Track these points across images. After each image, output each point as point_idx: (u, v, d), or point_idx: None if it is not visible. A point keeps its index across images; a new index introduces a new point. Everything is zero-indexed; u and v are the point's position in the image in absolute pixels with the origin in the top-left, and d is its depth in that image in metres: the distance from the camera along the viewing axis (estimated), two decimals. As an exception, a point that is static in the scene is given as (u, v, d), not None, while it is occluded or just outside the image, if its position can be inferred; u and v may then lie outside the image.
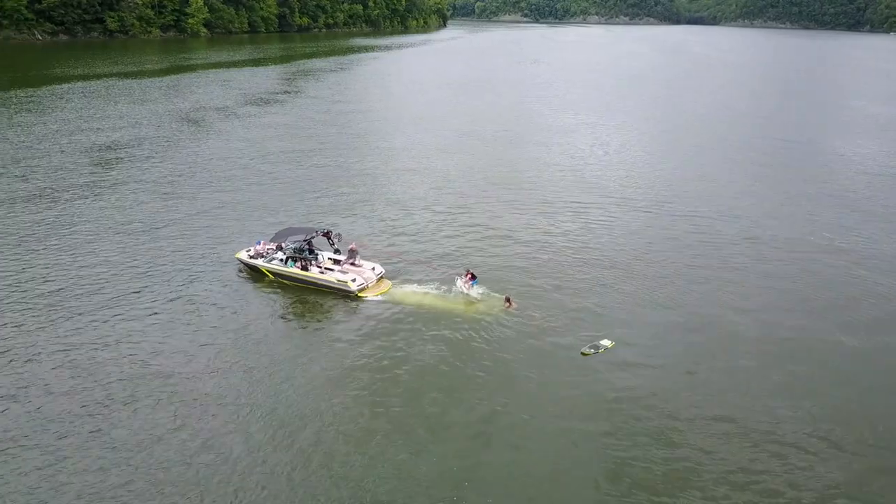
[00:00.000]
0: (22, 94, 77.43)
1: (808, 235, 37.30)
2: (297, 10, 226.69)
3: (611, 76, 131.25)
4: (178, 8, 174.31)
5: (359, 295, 27.55)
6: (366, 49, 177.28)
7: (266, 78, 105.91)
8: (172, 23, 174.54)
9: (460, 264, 30.85)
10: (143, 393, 20.67)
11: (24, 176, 44.30)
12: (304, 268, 28.76)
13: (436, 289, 28.31)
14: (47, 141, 54.93)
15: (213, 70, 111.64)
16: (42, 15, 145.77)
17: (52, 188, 41.82)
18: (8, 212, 37.01)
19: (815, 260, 33.63)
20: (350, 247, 30.26)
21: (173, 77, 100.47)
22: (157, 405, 20.02)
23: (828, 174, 52.89)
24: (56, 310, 25.79)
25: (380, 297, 27.64)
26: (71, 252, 31.61)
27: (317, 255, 29.76)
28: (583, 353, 23.62)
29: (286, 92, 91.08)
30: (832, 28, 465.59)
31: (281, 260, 29.20)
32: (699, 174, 51.24)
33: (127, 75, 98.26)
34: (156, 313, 25.83)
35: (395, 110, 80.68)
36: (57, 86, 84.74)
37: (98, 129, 60.68)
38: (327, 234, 30.76)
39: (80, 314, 25.50)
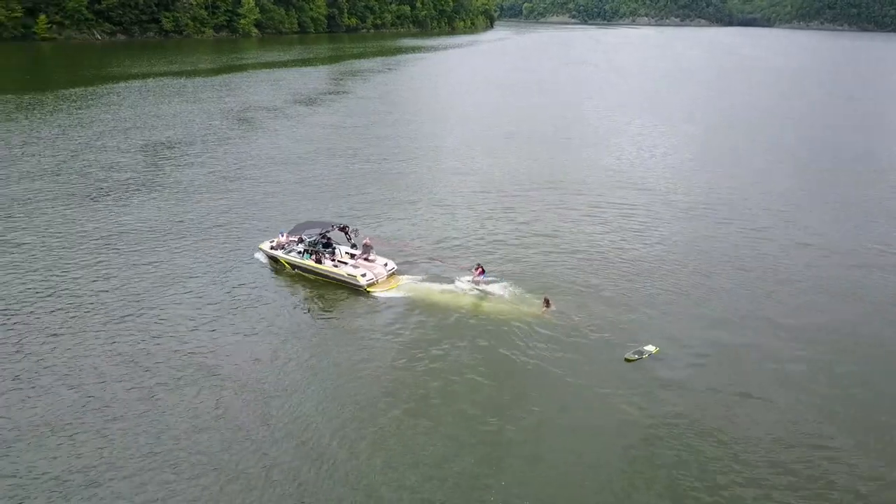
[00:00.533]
0: (82, 92, 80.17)
1: (861, 244, 36.20)
2: (345, 10, 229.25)
3: (659, 78, 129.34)
4: (230, 8, 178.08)
5: (367, 290, 27.91)
6: (413, 49, 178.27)
7: (314, 78, 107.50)
8: (225, 23, 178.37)
9: (496, 264, 30.92)
10: (188, 381, 21.30)
11: (82, 171, 45.91)
12: (318, 261, 29.34)
13: (451, 286, 28.34)
14: (105, 137, 56.82)
15: (264, 70, 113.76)
16: (101, 15, 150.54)
17: (107, 183, 43.23)
18: (66, 205, 38.41)
19: (867, 269, 32.62)
20: (364, 242, 30.67)
21: (225, 76, 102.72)
22: (199, 393, 20.63)
23: (884, 182, 51.20)
24: (107, 300, 26.67)
25: (389, 294, 27.84)
26: (123, 244, 32.68)
27: (334, 248, 30.45)
28: (626, 359, 23.27)
29: (334, 92, 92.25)
30: (893, 30, 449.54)
31: (299, 252, 29.92)
32: (749, 179, 50.15)
33: (181, 74, 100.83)
34: (201, 303, 26.55)
35: (441, 111, 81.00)
36: (114, 84, 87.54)
37: (152, 126, 62.47)
38: (344, 229, 31.37)
39: (128, 304, 26.34)
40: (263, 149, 55.08)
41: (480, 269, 28.84)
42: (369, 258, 29.81)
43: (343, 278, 28.51)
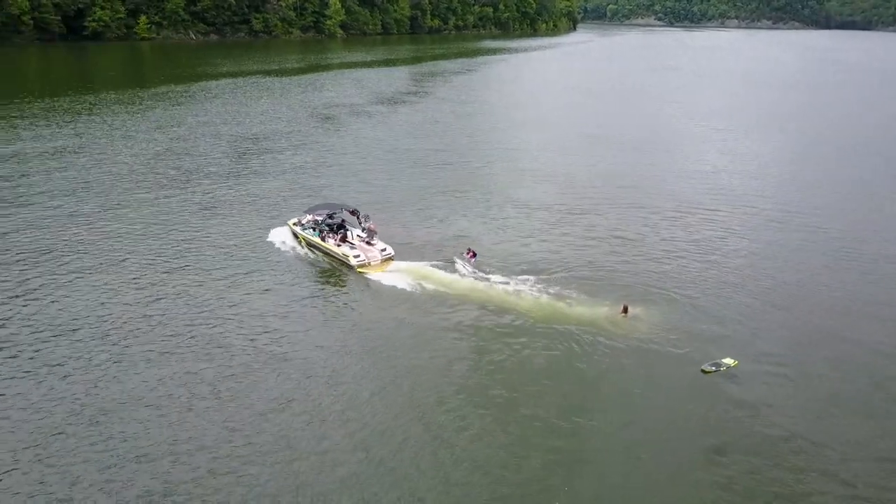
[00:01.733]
0: (177, 90, 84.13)
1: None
2: (428, 12, 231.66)
3: (749, 83, 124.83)
4: (317, 10, 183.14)
5: (358, 269, 29.71)
6: (494, 51, 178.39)
7: (396, 78, 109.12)
8: (312, 24, 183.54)
9: (572, 267, 30.64)
10: (259, 369, 22.06)
11: (175, 164, 48.15)
12: (323, 238, 31.68)
13: (444, 271, 29.51)
14: (198, 131, 59.52)
15: (347, 69, 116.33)
16: (196, 16, 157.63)
17: (197, 175, 45.20)
18: (156, 196, 40.34)
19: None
20: (369, 226, 32.53)
21: (310, 76, 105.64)
22: (269, 382, 21.35)
23: None
24: (187, 283, 27.94)
25: (376, 275, 29.27)
26: (207, 233, 34.18)
27: (347, 230, 32.38)
28: (703, 371, 22.60)
29: (414, 92, 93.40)
30: None
31: (310, 229, 32.30)
32: (837, 188, 47.84)
33: (269, 73, 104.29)
34: (271, 295, 27.44)
35: (521, 113, 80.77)
36: (207, 82, 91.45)
37: (241, 122, 64.93)
38: (355, 213, 33.54)
39: (205, 289, 27.50)
40: (345, 147, 56.32)
41: (472, 253, 30.63)
42: (370, 242, 31.61)
43: (338, 256, 30.82)
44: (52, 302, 25.95)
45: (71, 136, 55.54)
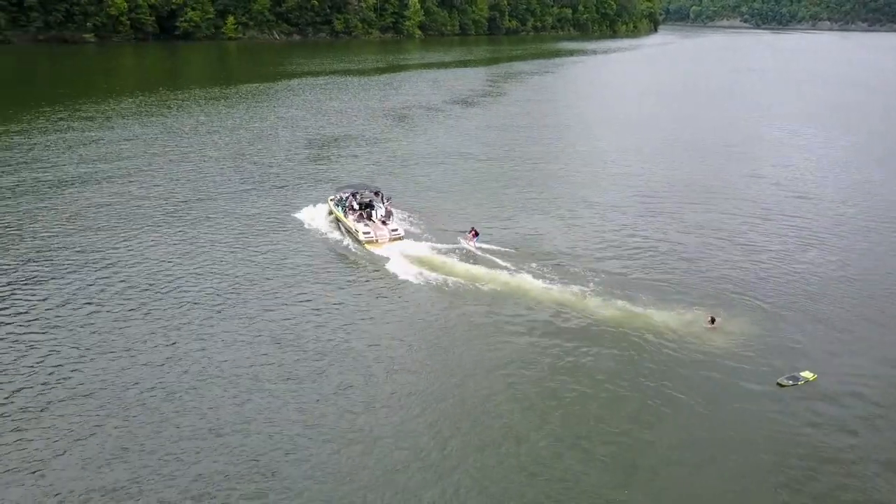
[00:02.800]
0: (261, 87, 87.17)
1: None
2: (506, 13, 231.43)
3: (839, 88, 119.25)
4: (397, 11, 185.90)
5: (365, 244, 32.28)
6: (571, 53, 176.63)
7: (472, 79, 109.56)
8: (391, 25, 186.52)
9: (648, 271, 30.12)
10: (331, 361, 22.60)
11: (255, 160, 49.87)
12: (345, 214, 34.65)
13: (445, 252, 31.45)
14: (279, 127, 61.49)
15: (425, 70, 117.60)
16: (281, 17, 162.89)
17: (277, 171, 46.67)
18: (235, 191, 41.90)
19: None
20: (387, 207, 35.37)
21: (388, 75, 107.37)
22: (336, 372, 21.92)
23: None
24: (260, 279, 28.95)
25: (380, 250, 31.72)
26: (282, 228, 35.33)
27: (373, 209, 35.00)
28: (779, 384, 21.70)
29: (490, 93, 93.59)
30: None
31: (337, 205, 35.85)
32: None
33: (348, 73, 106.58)
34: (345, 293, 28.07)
35: (597, 115, 79.77)
36: (289, 80, 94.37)
37: (320, 119, 66.68)
38: (377, 193, 36.75)
39: (274, 285, 28.43)
40: (418, 146, 56.98)
41: (474, 232, 32.46)
42: (385, 222, 34.04)
43: (351, 231, 33.63)
44: (143, 278, 27.47)
45: (161, 130, 58.35)
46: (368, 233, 32.77)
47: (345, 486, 16.78)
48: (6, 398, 19.61)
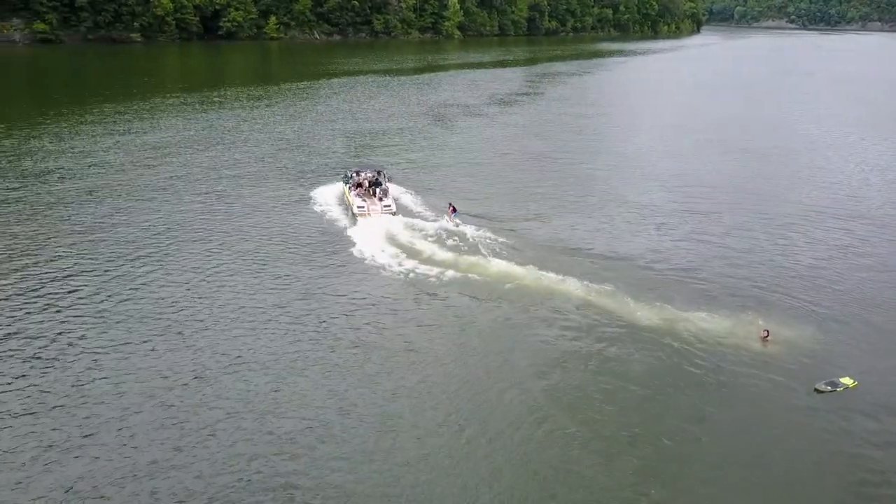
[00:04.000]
0: (302, 86, 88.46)
1: None
2: (546, 13, 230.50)
3: (889, 90, 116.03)
4: (436, 11, 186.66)
5: (357, 216, 35.35)
6: (611, 53, 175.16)
7: (510, 79, 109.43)
8: (430, 25, 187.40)
9: (685, 272, 29.81)
10: (372, 356, 22.88)
11: (295, 158, 50.65)
12: (350, 191, 37.75)
13: (424, 227, 33.97)
14: (319, 125, 62.38)
15: (463, 70, 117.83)
16: (322, 17, 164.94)
17: (310, 167, 47.31)
18: (273, 186, 42.66)
19: None
20: (384, 186, 38.28)
21: (426, 75, 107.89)
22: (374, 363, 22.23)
23: None
24: (300, 274, 29.48)
25: (368, 220, 34.83)
26: (315, 223, 35.93)
27: (378, 186, 37.97)
28: (816, 390, 21.09)
29: (528, 93, 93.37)
30: None
31: (343, 183, 39.81)
32: None
33: (387, 72, 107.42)
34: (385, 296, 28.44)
35: (637, 116, 79.10)
36: (329, 80, 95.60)
37: (358, 118, 67.35)
38: (380, 172, 40.23)
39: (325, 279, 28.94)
40: (455, 145, 57.20)
41: (452, 208, 35.21)
42: (382, 199, 36.86)
43: (349, 204, 36.97)
44: (184, 270, 28.22)
45: (204, 125, 59.67)
46: (362, 206, 35.86)
47: (380, 467, 17.09)
48: (59, 375, 20.43)
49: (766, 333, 24.15)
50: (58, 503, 15.77)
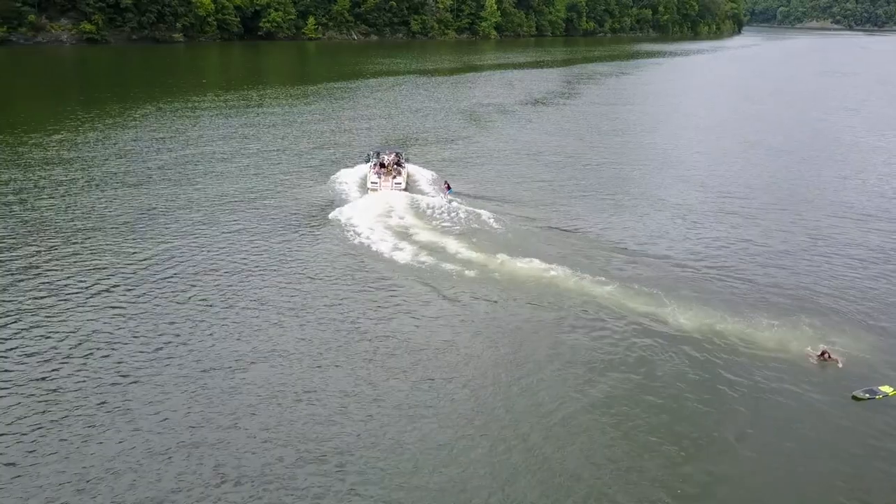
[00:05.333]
0: (338, 86, 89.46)
1: None
2: (584, 14, 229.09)
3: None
4: (473, 12, 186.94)
5: (370, 190, 38.82)
6: (650, 55, 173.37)
7: (546, 79, 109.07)
8: (467, 26, 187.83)
9: (723, 278, 29.49)
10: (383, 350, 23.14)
11: (327, 156, 51.31)
12: (371, 168, 41.06)
13: (423, 201, 36.95)
14: (354, 123, 63.09)
15: (499, 70, 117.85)
16: (359, 18, 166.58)
17: (338, 165, 47.42)
18: (310, 184, 43.13)
19: None
20: (403, 166, 41.78)
21: (463, 75, 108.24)
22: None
23: None
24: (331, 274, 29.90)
25: (378, 193, 38.11)
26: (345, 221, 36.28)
27: (398, 166, 41.31)
28: (854, 397, 20.60)
29: (564, 94, 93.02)
30: None
31: (365, 162, 43.76)
32: None
33: (424, 72, 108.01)
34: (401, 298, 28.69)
35: (675, 117, 78.13)
36: (366, 79, 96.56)
37: (393, 117, 67.92)
38: (398, 154, 43.41)
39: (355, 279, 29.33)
40: (488, 146, 57.10)
41: (447, 185, 38.86)
42: (395, 177, 39.89)
43: (365, 179, 40.68)
44: (204, 259, 28.87)
45: (242, 125, 60.74)
46: (375, 182, 39.14)
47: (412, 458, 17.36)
48: (105, 361, 21.08)
49: (823, 355, 22.66)
50: (102, 471, 16.50)
